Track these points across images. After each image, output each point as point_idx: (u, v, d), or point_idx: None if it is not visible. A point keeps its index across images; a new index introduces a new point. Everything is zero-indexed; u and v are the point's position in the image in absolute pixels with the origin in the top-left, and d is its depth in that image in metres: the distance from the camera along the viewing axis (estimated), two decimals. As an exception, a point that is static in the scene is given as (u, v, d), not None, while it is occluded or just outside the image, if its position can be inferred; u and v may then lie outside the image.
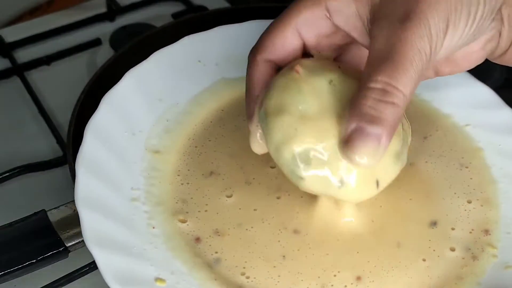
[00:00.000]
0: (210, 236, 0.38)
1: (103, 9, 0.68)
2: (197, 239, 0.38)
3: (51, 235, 0.40)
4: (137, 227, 0.37)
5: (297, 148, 0.32)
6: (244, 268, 0.36)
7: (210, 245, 0.37)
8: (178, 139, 0.43)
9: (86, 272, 0.43)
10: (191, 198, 0.40)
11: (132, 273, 0.34)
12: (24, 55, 0.63)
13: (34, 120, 0.56)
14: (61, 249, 0.40)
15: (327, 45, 0.34)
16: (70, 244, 0.40)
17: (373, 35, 0.29)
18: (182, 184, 0.41)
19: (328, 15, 0.31)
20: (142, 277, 0.35)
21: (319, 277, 0.36)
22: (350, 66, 0.35)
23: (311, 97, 0.32)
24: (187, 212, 0.39)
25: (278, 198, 0.40)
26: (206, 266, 0.36)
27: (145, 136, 0.43)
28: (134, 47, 0.54)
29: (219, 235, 0.38)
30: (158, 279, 0.35)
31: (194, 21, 0.58)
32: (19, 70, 0.60)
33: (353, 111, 0.28)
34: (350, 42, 0.34)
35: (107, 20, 0.68)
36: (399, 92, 0.27)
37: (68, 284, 0.43)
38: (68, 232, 0.40)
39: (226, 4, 0.71)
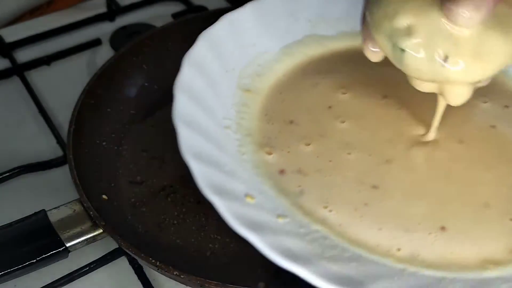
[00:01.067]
0: (293, 172, 0.40)
1: (103, 9, 0.68)
2: (282, 171, 0.40)
3: (51, 235, 0.40)
4: (228, 151, 0.40)
5: (398, 21, 0.33)
6: (327, 203, 0.38)
7: (293, 179, 0.39)
8: (267, 83, 0.46)
9: (86, 272, 0.43)
10: (275, 137, 0.42)
11: (224, 187, 0.36)
12: (24, 55, 0.64)
13: (34, 120, 0.56)
14: (61, 249, 0.40)
15: None
16: (70, 244, 0.40)
17: None
18: (268, 123, 0.43)
19: None
20: (233, 191, 0.36)
21: (403, 223, 0.37)
22: None
23: None
24: (272, 147, 0.42)
25: (348, 154, 0.41)
26: (291, 195, 0.38)
27: (237, 75, 0.45)
28: (134, 47, 0.54)
29: (301, 174, 0.40)
30: (248, 195, 0.37)
31: (194, 21, 0.58)
32: (19, 70, 0.60)
33: None
34: None
35: (107, 20, 0.68)
36: None
37: (68, 284, 0.43)
38: (68, 232, 0.41)
39: (227, 4, 0.71)
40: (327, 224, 0.37)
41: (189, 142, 0.37)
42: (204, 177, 0.35)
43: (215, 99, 0.42)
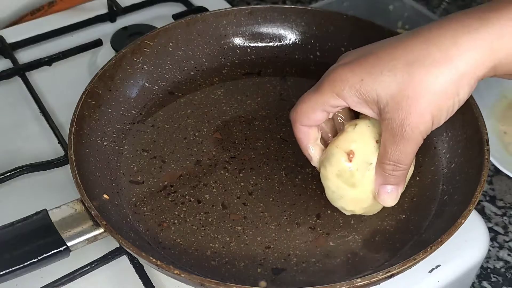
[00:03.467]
0: None
1: (104, 10, 0.69)
2: None
3: (52, 235, 0.40)
4: None
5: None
6: None
7: None
8: None
9: (87, 271, 0.44)
10: None
11: None
12: (25, 55, 0.64)
13: (36, 120, 0.56)
14: (62, 249, 0.40)
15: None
16: (71, 243, 0.40)
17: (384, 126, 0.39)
18: None
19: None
20: None
21: None
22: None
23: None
24: None
25: None
26: None
27: None
28: (135, 48, 0.54)
29: None
30: None
31: (194, 22, 0.58)
32: (21, 71, 0.60)
33: (377, 177, 0.42)
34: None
35: (108, 20, 0.69)
36: (404, 166, 0.40)
37: (69, 283, 0.43)
38: (69, 231, 0.41)
39: (227, 5, 0.72)
40: None
41: None
42: None
43: None
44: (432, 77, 0.36)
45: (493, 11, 0.36)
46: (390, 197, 0.42)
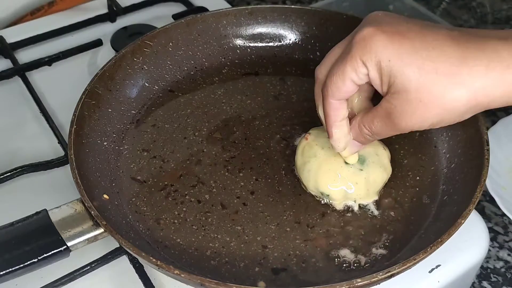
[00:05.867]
0: None
1: (104, 10, 0.69)
2: None
3: (52, 235, 0.40)
4: None
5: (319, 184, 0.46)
6: None
7: None
8: None
9: (87, 271, 0.44)
10: None
11: None
12: (25, 55, 0.64)
13: (36, 120, 0.56)
14: (62, 249, 0.40)
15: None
16: (71, 243, 0.40)
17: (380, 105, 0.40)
18: None
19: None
20: None
21: None
22: None
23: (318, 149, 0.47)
24: None
25: None
26: None
27: None
28: (135, 48, 0.54)
29: None
30: None
31: (194, 22, 0.58)
32: (21, 71, 0.60)
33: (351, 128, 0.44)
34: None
35: (108, 20, 0.69)
36: (377, 137, 0.42)
37: (70, 283, 0.43)
38: (69, 231, 0.41)
39: (227, 5, 0.72)
40: None
41: None
42: None
43: None
44: (452, 96, 0.36)
45: None
46: (350, 149, 0.44)
